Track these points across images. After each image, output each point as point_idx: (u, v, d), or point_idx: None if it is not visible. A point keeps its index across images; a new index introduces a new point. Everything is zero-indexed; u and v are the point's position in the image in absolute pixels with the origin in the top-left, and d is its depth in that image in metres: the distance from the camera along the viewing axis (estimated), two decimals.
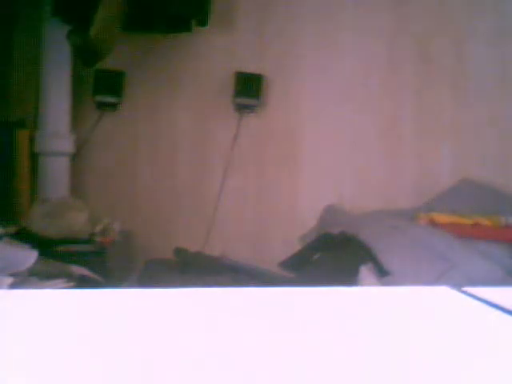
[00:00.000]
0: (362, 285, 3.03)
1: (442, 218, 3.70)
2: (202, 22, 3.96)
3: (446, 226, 3.61)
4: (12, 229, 3.43)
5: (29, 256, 3.01)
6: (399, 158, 4.25)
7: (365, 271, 3.13)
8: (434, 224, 3.66)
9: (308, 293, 1.00)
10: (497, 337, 0.83)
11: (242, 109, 4.15)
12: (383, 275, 3.15)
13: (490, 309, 0.92)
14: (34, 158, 3.90)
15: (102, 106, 4.12)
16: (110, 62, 3.88)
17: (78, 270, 3.19)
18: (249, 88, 4.12)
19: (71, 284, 3.03)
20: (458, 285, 1.04)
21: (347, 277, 3.06)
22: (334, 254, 3.40)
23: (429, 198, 4.10)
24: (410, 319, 0.89)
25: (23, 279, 2.89)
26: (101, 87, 4.09)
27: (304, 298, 0.98)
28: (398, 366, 0.71)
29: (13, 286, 2.75)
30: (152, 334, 0.80)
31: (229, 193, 4.14)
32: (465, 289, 1.02)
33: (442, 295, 1.02)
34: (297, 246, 3.73)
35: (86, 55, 3.60)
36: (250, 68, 4.13)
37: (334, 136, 4.22)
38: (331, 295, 1.00)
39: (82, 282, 3.10)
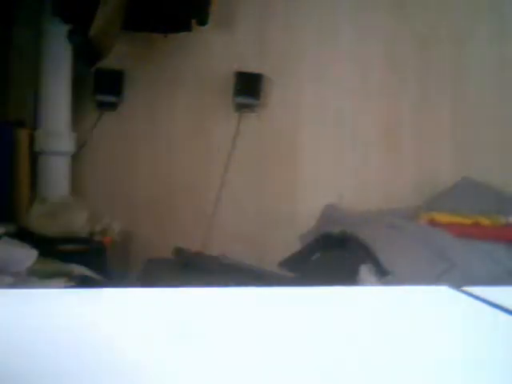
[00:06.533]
0: (362, 284, 3.03)
1: (442, 217, 3.70)
2: (202, 22, 3.96)
3: (446, 225, 3.61)
4: (12, 228, 3.43)
5: (29, 255, 3.02)
6: (399, 158, 4.25)
7: (365, 271, 3.14)
8: (434, 223, 3.66)
9: (308, 293, 1.00)
10: (497, 337, 0.83)
11: (241, 108, 4.15)
12: (383, 275, 3.15)
13: (490, 309, 0.92)
14: (33, 157, 3.90)
15: (101, 106, 4.12)
16: (109, 62, 3.87)
17: (78, 269, 3.20)
18: (249, 87, 4.12)
19: (71, 283, 3.03)
20: (457, 284, 1.04)
21: (347, 277, 3.06)
22: (333, 254, 3.41)
23: (429, 197, 4.10)
24: (409, 319, 0.89)
25: (23, 279, 2.90)
26: (101, 87, 4.09)
27: (304, 298, 0.98)
28: (398, 366, 0.71)
29: (13, 285, 2.75)
30: (152, 334, 0.80)
31: (228, 192, 4.14)
32: (465, 288, 1.02)
33: (441, 295, 1.02)
34: (297, 246, 3.73)
35: (85, 55, 3.60)
36: (250, 67, 4.13)
37: (333, 136, 4.22)
38: (331, 295, 1.00)
39: (82, 282, 3.10)
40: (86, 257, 3.40)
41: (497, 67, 4.23)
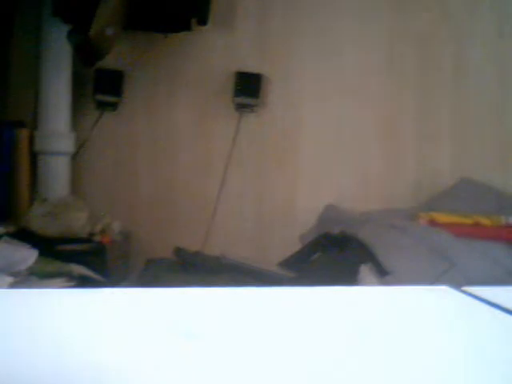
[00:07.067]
0: (362, 284, 3.03)
1: (442, 217, 3.70)
2: (202, 21, 3.96)
3: (446, 225, 3.61)
4: (12, 228, 3.43)
5: (29, 255, 3.02)
6: (399, 158, 4.25)
7: (365, 271, 3.13)
8: (434, 223, 3.66)
9: (308, 293, 1.00)
10: (497, 337, 0.83)
11: (241, 108, 4.15)
12: (383, 275, 3.15)
13: (490, 308, 0.92)
14: (33, 157, 3.90)
15: (101, 106, 4.13)
16: (109, 62, 3.87)
17: (78, 269, 3.20)
18: (248, 87, 4.12)
19: (71, 283, 3.04)
20: (458, 284, 1.04)
21: (347, 277, 3.06)
22: (333, 254, 3.40)
23: (429, 197, 4.10)
24: (409, 319, 0.89)
25: (23, 278, 2.90)
26: (100, 86, 4.10)
27: (304, 298, 0.98)
28: (398, 366, 0.71)
29: (13, 285, 2.75)
30: (152, 334, 0.80)
31: (228, 192, 4.14)
32: (465, 288, 1.02)
33: (441, 295, 1.02)
34: (297, 246, 3.73)
35: (85, 55, 3.60)
36: (250, 67, 4.13)
37: (333, 136, 4.22)
38: (331, 295, 1.00)
39: (82, 282, 3.10)
40: (86, 257, 3.40)
41: (497, 67, 4.23)
